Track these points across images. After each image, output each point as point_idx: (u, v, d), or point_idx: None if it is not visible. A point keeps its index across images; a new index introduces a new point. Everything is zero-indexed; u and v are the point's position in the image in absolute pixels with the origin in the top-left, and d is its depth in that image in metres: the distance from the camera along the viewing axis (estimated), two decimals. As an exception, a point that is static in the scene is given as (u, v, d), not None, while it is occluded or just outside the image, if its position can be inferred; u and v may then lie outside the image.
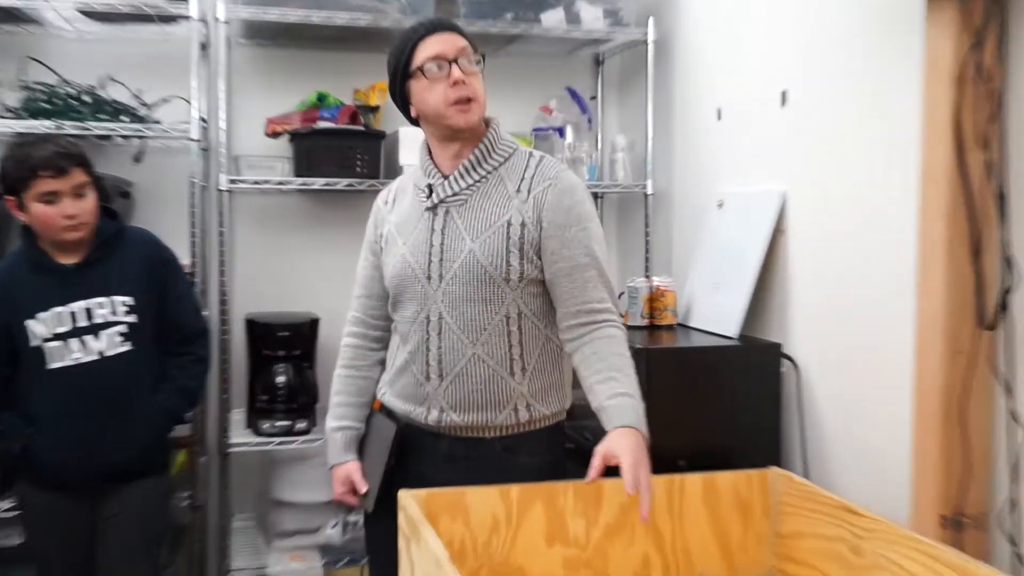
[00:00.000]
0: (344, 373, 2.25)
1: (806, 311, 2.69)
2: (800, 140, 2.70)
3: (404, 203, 2.16)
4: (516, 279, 2.03)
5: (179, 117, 3.20)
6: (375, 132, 3.39)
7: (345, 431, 2.22)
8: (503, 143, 2.12)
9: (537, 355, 2.10)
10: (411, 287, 2.08)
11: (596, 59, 3.92)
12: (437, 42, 2.03)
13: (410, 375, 2.10)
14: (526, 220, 2.03)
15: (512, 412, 2.08)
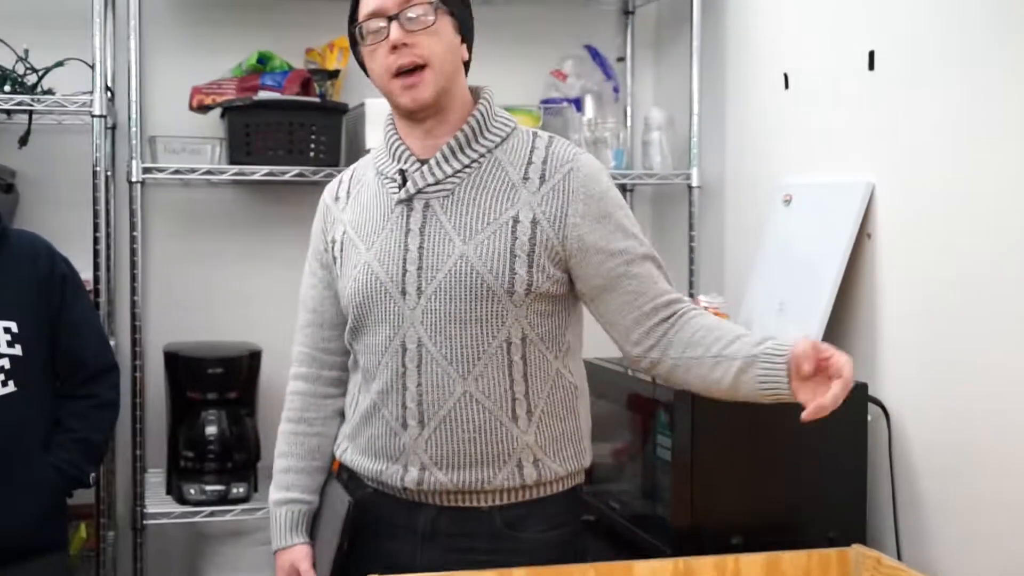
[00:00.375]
0: (290, 430, 2.25)
1: (900, 341, 2.70)
2: (893, 116, 2.71)
3: (364, 197, 2.16)
4: (522, 292, 2.03)
5: (78, 86, 3.22)
6: (334, 105, 3.42)
7: (291, 506, 2.21)
8: (498, 119, 2.12)
9: (547, 394, 2.10)
10: (379, 306, 2.07)
11: (624, 8, 3.95)
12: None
13: (379, 423, 2.10)
14: (538, 216, 2.04)
15: (515, 470, 2.07)
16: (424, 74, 2.02)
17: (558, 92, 3.74)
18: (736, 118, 3.45)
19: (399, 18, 2.01)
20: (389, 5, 2.02)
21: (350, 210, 2.17)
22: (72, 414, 2.69)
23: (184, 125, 3.50)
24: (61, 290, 2.69)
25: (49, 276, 2.68)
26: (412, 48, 2.01)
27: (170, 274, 3.62)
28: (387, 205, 2.10)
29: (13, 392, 2.57)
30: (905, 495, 2.66)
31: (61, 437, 2.66)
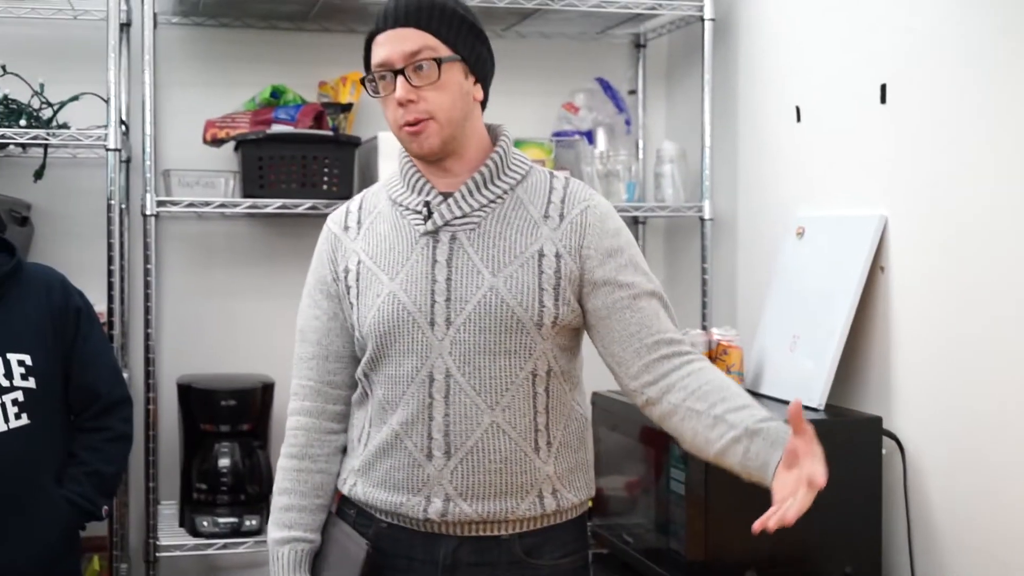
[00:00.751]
0: (293, 466, 2.21)
1: (916, 375, 2.70)
2: (905, 149, 2.72)
3: (380, 228, 2.16)
4: (549, 324, 2.05)
5: (93, 120, 3.24)
6: (347, 138, 3.44)
7: (295, 545, 2.17)
8: (516, 159, 2.15)
9: (563, 426, 2.12)
10: (405, 336, 2.07)
11: (636, 42, 3.96)
12: (384, 43, 2.06)
13: (401, 454, 2.08)
14: (561, 251, 2.07)
15: (536, 500, 2.08)
16: (429, 125, 2.04)
17: (570, 125, 3.75)
18: (748, 151, 3.46)
19: (405, 73, 2.03)
20: (395, 59, 2.03)
21: (363, 240, 2.17)
22: (85, 447, 2.70)
23: (198, 158, 3.52)
24: (75, 323, 2.71)
25: (64, 309, 2.69)
26: (417, 104, 2.03)
27: (184, 306, 3.64)
28: (410, 236, 2.11)
29: (27, 424, 2.58)
30: (920, 529, 2.66)
31: (74, 470, 2.67)
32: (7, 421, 2.57)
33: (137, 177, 3.46)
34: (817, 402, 2.80)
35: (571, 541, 2.14)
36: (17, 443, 2.57)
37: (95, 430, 2.73)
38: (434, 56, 2.03)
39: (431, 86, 2.03)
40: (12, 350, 2.59)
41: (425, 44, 2.04)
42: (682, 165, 3.65)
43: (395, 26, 2.05)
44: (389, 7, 2.07)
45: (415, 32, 2.04)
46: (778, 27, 3.30)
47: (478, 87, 2.12)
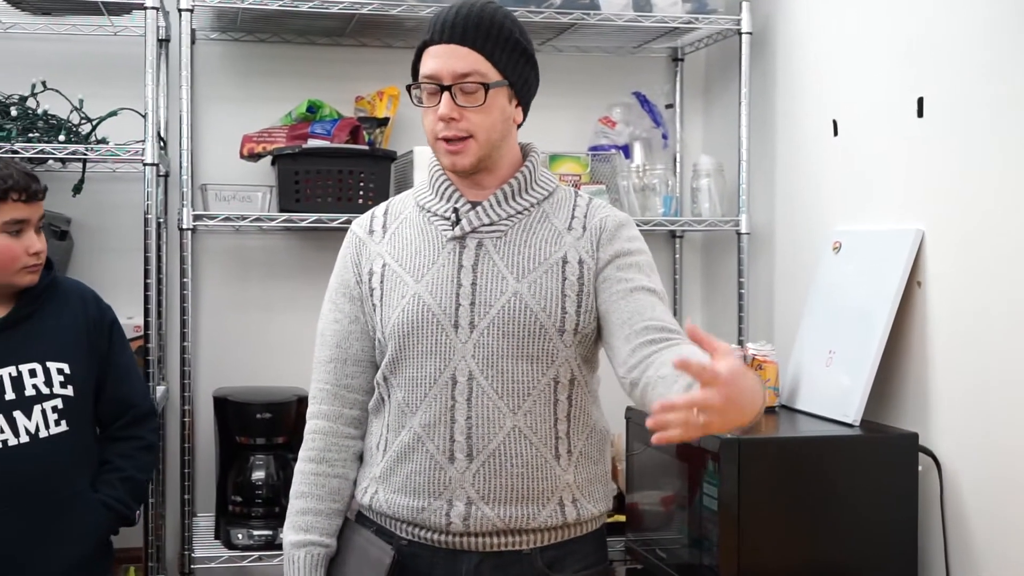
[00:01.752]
0: (311, 470, 2.21)
1: (953, 391, 2.67)
2: (943, 162, 2.70)
3: (406, 232, 2.18)
4: (571, 331, 2.08)
5: (131, 135, 3.27)
6: (383, 152, 3.45)
7: (311, 548, 2.17)
8: (544, 177, 2.20)
9: (585, 436, 2.14)
10: (428, 338, 2.09)
11: (673, 56, 3.96)
12: (437, 56, 2.07)
13: (422, 457, 2.09)
14: (584, 257, 2.11)
15: (557, 508, 2.09)
16: (467, 144, 2.08)
17: (607, 139, 3.74)
18: (785, 165, 3.44)
19: (451, 90, 2.06)
20: (444, 75, 2.06)
21: (388, 243, 2.19)
22: (119, 454, 2.74)
23: (235, 173, 3.54)
24: (109, 336, 2.76)
25: (99, 321, 2.75)
26: (459, 122, 2.06)
27: (220, 320, 3.65)
28: (437, 241, 2.14)
29: (66, 431, 2.63)
30: (957, 547, 2.63)
31: (109, 476, 2.72)
32: (47, 427, 2.61)
33: (175, 191, 3.49)
34: (853, 418, 2.78)
35: (591, 553, 2.16)
36: (57, 449, 2.62)
37: (127, 439, 2.77)
38: (483, 81, 2.06)
39: (475, 109, 2.06)
40: (52, 359, 2.65)
41: (476, 68, 2.06)
42: (719, 179, 3.64)
43: (450, 41, 2.07)
44: (448, 19, 2.08)
45: (469, 52, 2.07)
46: (815, 41, 3.28)
47: (519, 110, 2.16)
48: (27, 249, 2.60)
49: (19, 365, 2.61)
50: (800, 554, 2.63)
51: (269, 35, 3.64)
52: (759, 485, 2.59)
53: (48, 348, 2.65)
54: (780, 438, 2.78)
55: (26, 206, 2.60)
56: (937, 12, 2.73)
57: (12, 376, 2.60)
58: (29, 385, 2.61)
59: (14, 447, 2.58)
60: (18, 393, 2.59)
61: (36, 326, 2.66)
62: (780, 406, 3.05)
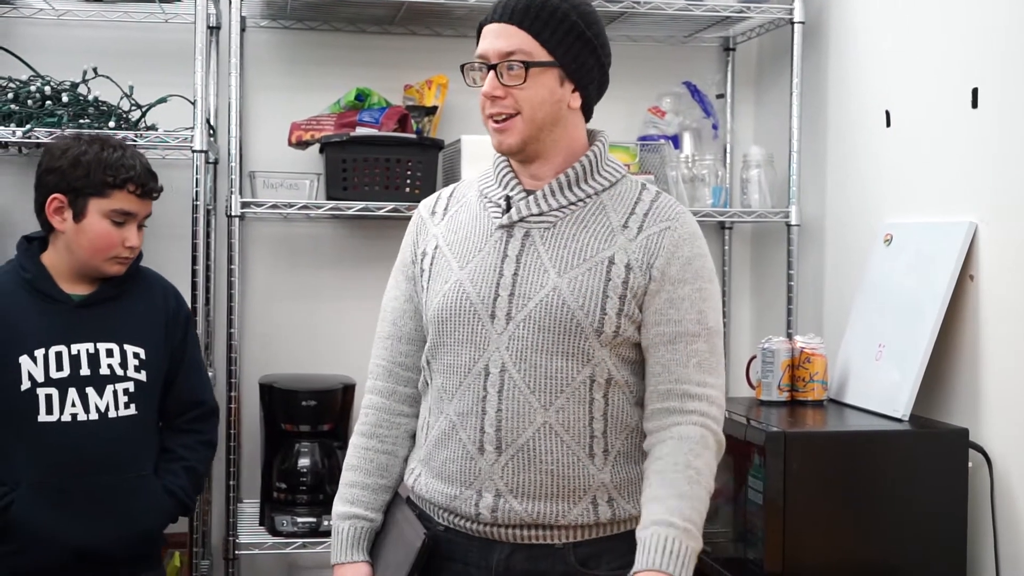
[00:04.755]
0: (362, 444, 2.25)
1: (1005, 386, 2.64)
2: (997, 154, 2.67)
3: (462, 216, 2.19)
4: (610, 333, 2.05)
5: (180, 122, 3.28)
6: (431, 141, 3.45)
7: (355, 521, 2.21)
8: (609, 165, 2.16)
9: (625, 437, 2.10)
10: (465, 326, 2.09)
11: (725, 45, 3.93)
12: (487, 36, 2.11)
13: (456, 445, 2.10)
14: (632, 263, 2.06)
15: (590, 506, 2.07)
16: (513, 122, 2.09)
17: (656, 129, 3.72)
18: (836, 156, 3.41)
19: (496, 69, 2.07)
20: (491, 54, 2.09)
21: (445, 226, 2.20)
22: (182, 445, 2.77)
23: (283, 160, 3.55)
24: (184, 329, 2.80)
25: (176, 314, 2.79)
26: (504, 100, 2.08)
27: (266, 307, 3.67)
28: (487, 228, 2.14)
29: (134, 415, 2.66)
30: (1008, 546, 2.61)
31: (173, 465, 2.74)
32: (117, 408, 2.64)
33: (223, 178, 3.51)
34: (902, 413, 2.75)
35: (628, 552, 2.07)
36: (124, 430, 2.64)
37: (191, 432, 2.80)
38: (524, 60, 2.06)
39: (519, 87, 2.07)
40: (129, 342, 2.68)
41: (520, 47, 2.07)
42: (769, 170, 3.62)
43: (500, 20, 2.09)
44: (504, 2, 2.10)
45: (516, 31, 2.08)
46: (868, 31, 3.25)
47: (576, 95, 2.12)
48: (124, 241, 2.64)
49: (97, 343, 2.64)
50: (846, 549, 2.61)
51: (319, 23, 3.65)
52: (805, 479, 2.58)
53: (127, 331, 2.68)
54: (827, 432, 2.76)
55: (138, 200, 2.65)
56: (992, 1, 2.69)
57: (89, 353, 2.63)
58: (105, 364, 2.64)
59: (83, 423, 2.60)
60: (93, 370, 2.62)
61: (118, 308, 2.69)
62: (828, 400, 3.03)
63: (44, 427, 2.59)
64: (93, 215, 2.62)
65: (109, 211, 2.62)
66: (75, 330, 2.63)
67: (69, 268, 2.66)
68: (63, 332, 2.62)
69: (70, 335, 2.63)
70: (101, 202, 2.61)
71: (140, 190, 2.65)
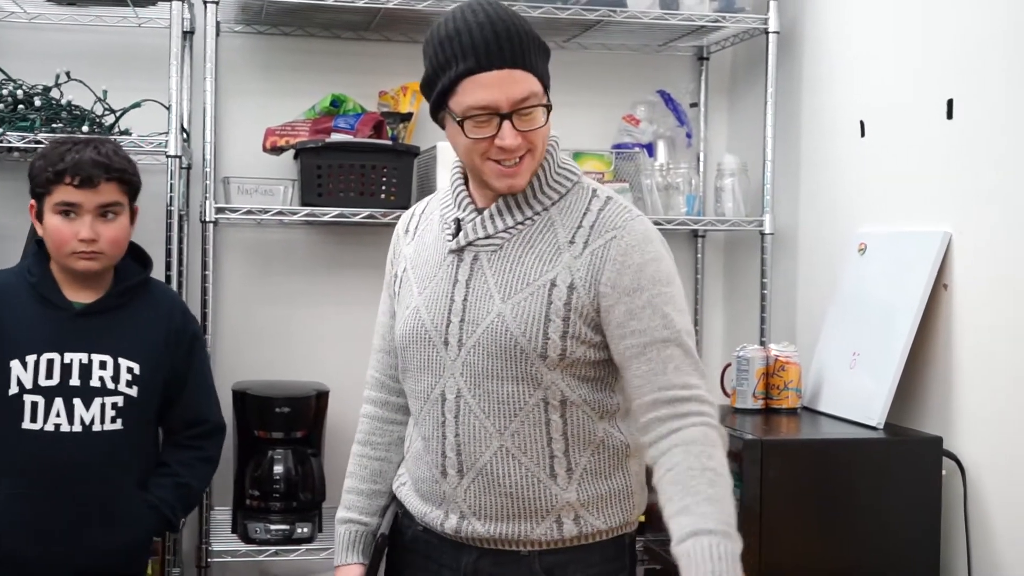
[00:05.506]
0: (358, 451, 2.30)
1: (978, 395, 2.67)
2: (971, 165, 2.69)
3: (428, 236, 2.17)
4: (555, 357, 2.01)
5: (154, 127, 3.27)
6: (406, 148, 3.45)
7: (350, 526, 2.26)
8: (560, 173, 2.09)
9: (591, 452, 2.07)
10: (422, 353, 2.09)
11: (698, 54, 3.95)
12: (490, 85, 1.94)
13: (425, 467, 2.12)
14: (576, 282, 2.01)
15: (554, 524, 2.06)
16: (524, 163, 2.00)
17: (630, 137, 3.74)
18: (811, 165, 3.43)
19: (511, 118, 1.95)
20: (503, 103, 1.95)
21: (414, 246, 2.19)
22: (179, 461, 2.76)
23: (257, 166, 3.55)
24: (190, 347, 2.77)
25: (181, 331, 2.76)
26: (520, 148, 1.98)
27: (240, 313, 3.66)
28: (442, 252, 2.12)
29: (119, 430, 2.62)
30: (981, 553, 2.63)
31: (164, 479, 2.72)
32: (103, 422, 2.61)
33: (197, 184, 3.50)
34: (877, 421, 2.78)
35: (600, 562, 2.10)
36: (106, 445, 2.61)
37: (191, 448, 2.78)
38: (541, 103, 1.98)
39: (535, 132, 1.98)
40: (125, 356, 2.64)
41: (532, 90, 1.97)
42: (743, 179, 3.64)
43: (501, 67, 1.94)
44: (488, 44, 1.94)
45: (522, 75, 1.96)
46: (843, 41, 3.27)
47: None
48: (76, 234, 2.58)
49: (92, 354, 2.61)
50: (820, 556, 2.63)
51: (294, 28, 3.64)
52: (782, 486, 2.60)
53: (124, 344, 2.65)
54: (803, 440, 2.78)
55: (79, 191, 2.57)
56: (968, 13, 2.72)
57: (82, 363, 2.60)
58: (96, 376, 2.61)
59: (65, 433, 2.58)
60: (84, 381, 2.60)
61: (118, 320, 2.66)
62: (802, 408, 3.05)
63: (26, 434, 2.57)
64: (47, 213, 2.60)
65: (54, 205, 2.58)
66: (71, 338, 2.61)
67: (61, 271, 2.64)
68: (58, 340, 2.60)
69: (65, 343, 2.60)
70: (49, 198, 2.59)
71: (78, 180, 2.57)
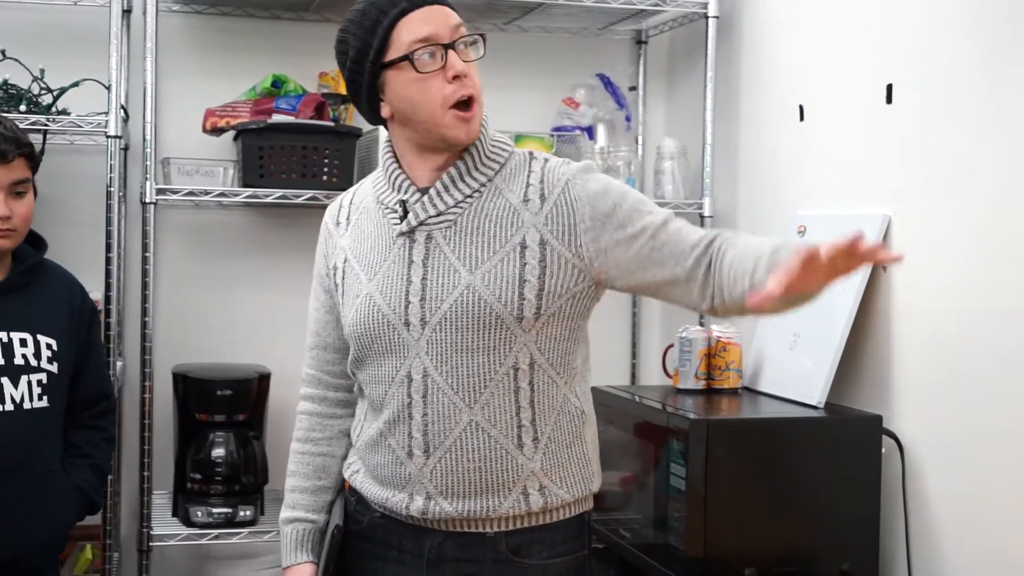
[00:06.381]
0: (298, 449, 2.28)
1: (915, 374, 2.72)
2: (910, 148, 2.74)
3: (365, 225, 2.16)
4: (531, 317, 2.03)
5: (93, 106, 3.24)
6: (347, 129, 3.44)
7: (297, 525, 2.24)
8: (496, 143, 2.12)
9: (554, 420, 2.09)
10: (382, 337, 2.08)
11: (637, 38, 3.98)
12: (425, 19, 2.00)
13: (386, 452, 2.11)
14: (547, 237, 2.03)
15: (521, 497, 2.08)
16: (474, 109, 2.03)
17: (570, 120, 3.76)
18: (750, 149, 3.48)
19: (455, 47, 2.01)
20: (444, 32, 2.00)
21: (350, 236, 2.18)
22: (87, 442, 2.74)
23: (197, 147, 3.53)
24: (89, 323, 2.76)
25: (81, 307, 2.74)
26: (470, 80, 2.01)
27: (181, 295, 3.64)
28: (389, 236, 2.10)
29: (46, 407, 2.61)
30: (918, 528, 2.68)
31: (80, 461, 2.70)
32: (31, 400, 2.59)
33: (135, 165, 3.47)
34: (817, 400, 2.82)
35: (562, 542, 2.12)
36: (36, 423, 2.59)
37: (94, 428, 2.77)
38: (474, 37, 2.04)
39: (473, 66, 2.03)
40: (42, 332, 2.62)
41: (460, 21, 2.03)
42: (682, 162, 3.67)
43: (432, 3, 2.02)
44: None
45: (450, 10, 2.04)
46: (783, 25, 3.31)
47: None
48: None
49: (10, 332, 2.58)
50: (764, 534, 2.66)
51: (233, 8, 3.62)
52: (727, 465, 2.62)
53: (39, 321, 2.63)
54: (748, 419, 2.82)
55: None
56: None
57: (3, 342, 2.57)
58: (19, 354, 2.58)
59: (1, 413, 2.55)
60: (7, 360, 2.56)
61: (28, 298, 2.63)
62: (744, 388, 3.09)
63: None
64: None
65: None
66: None
67: None
68: None
69: None
70: None
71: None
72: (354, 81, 2.10)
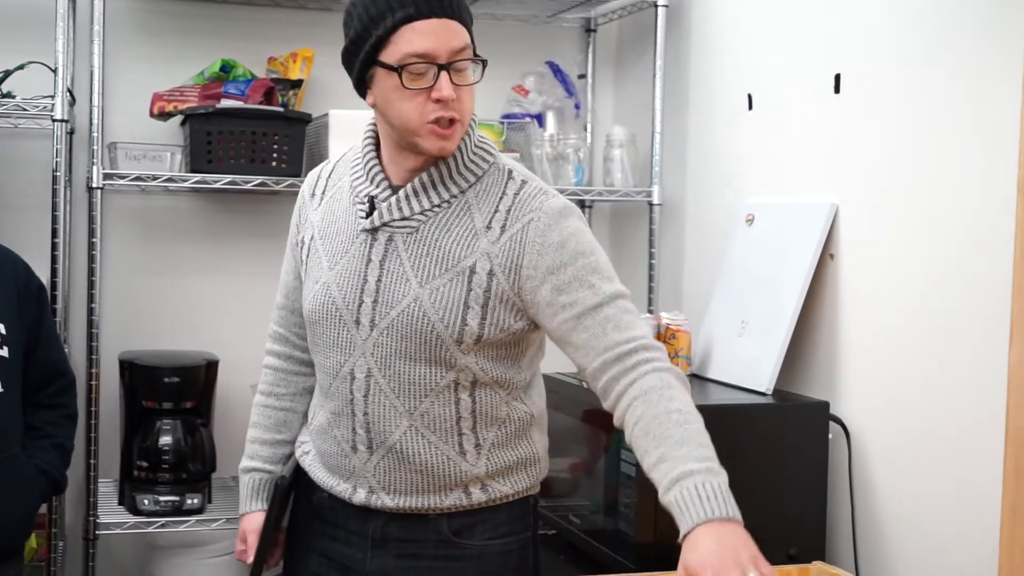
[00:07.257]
0: (261, 402, 2.33)
1: (862, 361, 2.76)
2: (858, 138, 2.77)
3: (337, 206, 2.16)
4: (470, 342, 2.03)
5: (39, 90, 3.20)
6: (297, 115, 3.43)
7: (254, 474, 2.31)
8: (477, 152, 2.09)
9: (496, 429, 2.11)
10: (332, 330, 2.09)
11: (586, 26, 3.99)
12: (428, 33, 1.94)
13: (332, 442, 2.14)
14: (495, 268, 2.01)
15: (462, 495, 2.11)
16: (455, 128, 1.98)
17: (520, 107, 3.76)
18: (698, 137, 3.50)
19: (448, 69, 1.95)
20: (441, 53, 1.95)
21: (320, 213, 2.18)
22: (48, 422, 2.72)
23: (144, 131, 3.49)
24: (38, 301, 2.72)
25: (27, 286, 2.70)
26: (456, 104, 1.96)
27: (127, 282, 3.61)
28: (354, 228, 2.10)
29: (2, 392, 2.57)
30: (864, 512, 2.72)
31: (42, 442, 2.68)
32: None
33: (81, 150, 3.44)
34: (766, 387, 2.85)
35: (504, 524, 2.15)
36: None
37: (54, 407, 2.74)
38: (475, 57, 1.99)
39: (467, 90, 1.98)
40: None
41: (467, 42, 1.98)
42: (631, 150, 3.69)
43: (442, 16, 1.95)
44: None
45: (459, 27, 1.98)
46: (732, 15, 3.34)
47: None
48: None
49: None
50: (712, 520, 2.68)
51: (180, -9, 3.60)
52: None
53: None
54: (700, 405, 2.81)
55: None
56: (855, -10, 2.79)
57: None
58: None
59: None
60: None
61: None
62: (692, 375, 3.11)
63: None
64: None
65: None
66: None
67: None
68: None
69: None
70: None
71: None
72: (348, 60, 2.06)
